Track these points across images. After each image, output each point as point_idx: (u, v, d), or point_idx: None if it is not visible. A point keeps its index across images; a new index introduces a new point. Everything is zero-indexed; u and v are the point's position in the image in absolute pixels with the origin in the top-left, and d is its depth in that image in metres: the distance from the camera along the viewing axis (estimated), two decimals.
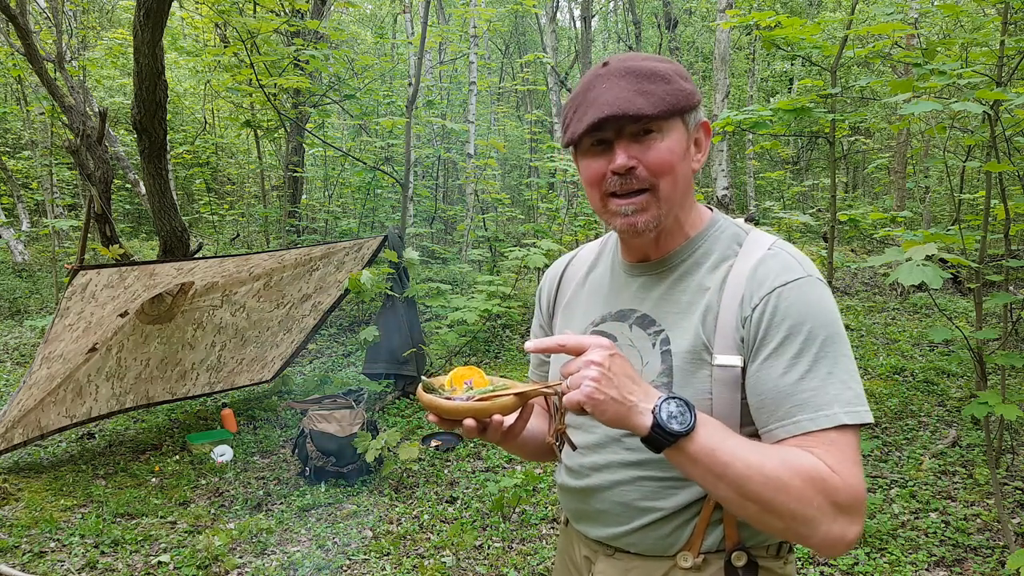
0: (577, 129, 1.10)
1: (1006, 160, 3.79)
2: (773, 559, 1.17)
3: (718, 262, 1.16)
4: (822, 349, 1.05)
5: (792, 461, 1.00)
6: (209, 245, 11.18)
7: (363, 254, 5.59)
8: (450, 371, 1.16)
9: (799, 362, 1.05)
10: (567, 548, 1.36)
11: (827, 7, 15.21)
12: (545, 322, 1.41)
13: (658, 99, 1.08)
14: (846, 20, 6.48)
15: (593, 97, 1.09)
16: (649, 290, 1.20)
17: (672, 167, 1.11)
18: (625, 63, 1.11)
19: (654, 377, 1.14)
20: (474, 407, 1.06)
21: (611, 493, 1.19)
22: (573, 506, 1.28)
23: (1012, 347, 5.62)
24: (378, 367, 5.79)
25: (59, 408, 4.60)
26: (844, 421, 1.02)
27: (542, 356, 1.39)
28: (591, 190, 1.15)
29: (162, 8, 4.44)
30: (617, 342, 1.19)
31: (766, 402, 1.06)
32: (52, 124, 11.33)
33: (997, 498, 3.37)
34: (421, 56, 8.09)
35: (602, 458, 1.20)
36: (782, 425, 1.05)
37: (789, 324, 1.06)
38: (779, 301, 1.07)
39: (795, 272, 1.10)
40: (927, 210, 10.01)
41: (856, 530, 1.00)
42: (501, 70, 19.08)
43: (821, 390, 1.03)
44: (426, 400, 1.09)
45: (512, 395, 1.07)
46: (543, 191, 11.24)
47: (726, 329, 1.10)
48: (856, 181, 16.91)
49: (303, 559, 3.45)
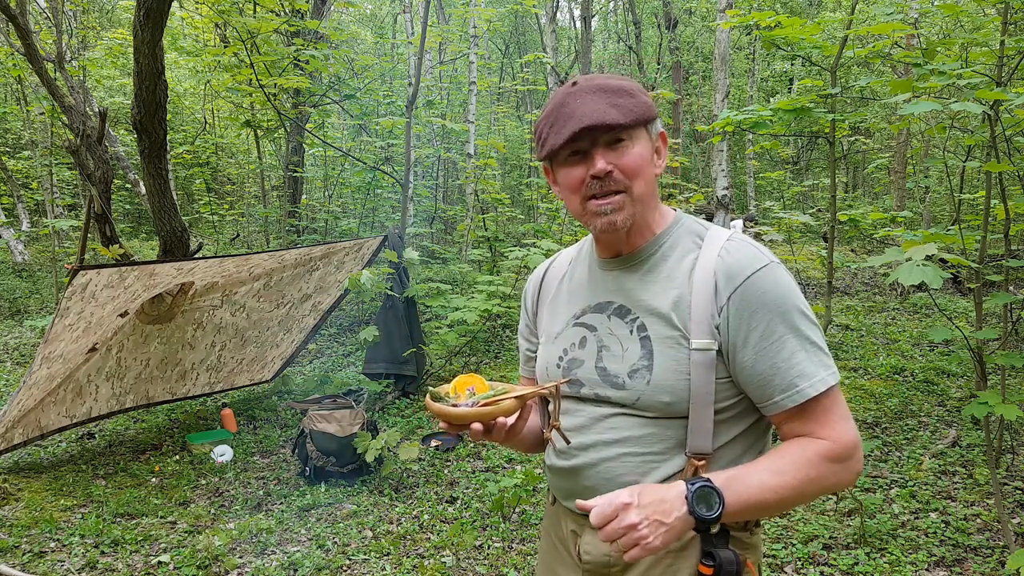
0: (557, 140, 1.22)
1: (1006, 160, 3.78)
2: (741, 530, 1.28)
3: (683, 254, 1.28)
4: (800, 323, 1.20)
5: (799, 458, 1.18)
6: (209, 245, 11.18)
7: (363, 254, 5.59)
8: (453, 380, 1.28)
9: (788, 338, 1.19)
10: (553, 526, 1.44)
11: (827, 7, 15.21)
12: (530, 321, 1.52)
13: (628, 111, 1.21)
14: (846, 20, 6.48)
15: (569, 112, 1.22)
16: (623, 283, 1.32)
17: (643, 170, 1.24)
18: (593, 81, 1.24)
19: (635, 361, 1.25)
20: (480, 412, 1.19)
21: (598, 470, 1.28)
22: (562, 485, 1.37)
23: (1012, 347, 5.62)
24: (378, 367, 5.79)
25: (59, 408, 4.60)
26: (831, 383, 1.19)
27: (529, 354, 1.52)
28: (571, 195, 1.27)
29: (162, 8, 4.44)
30: (597, 331, 1.32)
31: (766, 378, 1.20)
32: (52, 124, 11.33)
33: (997, 498, 3.37)
34: (421, 56, 8.09)
35: (588, 438, 1.29)
36: (787, 395, 1.19)
37: (769, 308, 1.19)
38: (754, 288, 1.20)
39: (761, 260, 1.22)
40: (927, 210, 10.01)
41: (859, 465, 1.21)
42: (501, 70, 19.09)
43: (808, 360, 1.19)
44: (435, 408, 1.20)
45: (512, 398, 1.20)
46: (543, 191, 11.24)
47: (700, 316, 1.21)
48: (856, 181, 16.92)
49: (303, 559, 3.45)
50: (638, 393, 1.23)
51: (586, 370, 1.31)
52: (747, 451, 1.27)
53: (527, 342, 1.54)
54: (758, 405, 1.24)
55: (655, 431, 1.24)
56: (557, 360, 1.37)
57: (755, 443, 1.29)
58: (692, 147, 15.75)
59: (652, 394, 1.22)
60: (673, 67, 14.78)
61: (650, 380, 1.22)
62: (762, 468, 1.18)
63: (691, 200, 8.31)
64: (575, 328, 1.35)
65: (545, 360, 1.40)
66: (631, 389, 1.24)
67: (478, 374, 1.32)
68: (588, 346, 1.32)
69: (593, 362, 1.30)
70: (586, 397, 1.31)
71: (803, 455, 1.18)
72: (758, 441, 1.30)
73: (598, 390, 1.29)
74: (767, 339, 1.19)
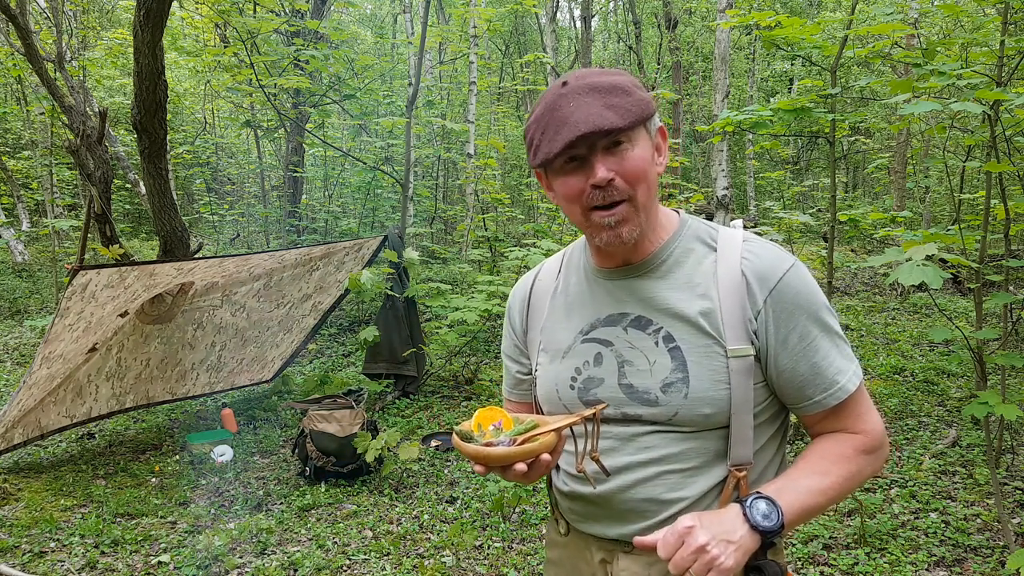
0: (552, 149, 1.12)
1: (1006, 160, 3.78)
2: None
3: (700, 258, 1.22)
4: (829, 320, 1.20)
5: (840, 456, 1.18)
6: (209, 245, 11.18)
7: (363, 254, 5.59)
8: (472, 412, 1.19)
9: (822, 337, 1.18)
10: (570, 559, 1.34)
11: (827, 7, 15.21)
12: (519, 340, 1.40)
13: (625, 111, 1.11)
14: (846, 20, 6.48)
15: (562, 116, 1.12)
16: (636, 292, 1.23)
17: (646, 174, 1.16)
18: (585, 80, 1.14)
19: (667, 374, 1.17)
20: (523, 451, 1.09)
21: (636, 491, 1.20)
22: (587, 511, 1.28)
23: (1012, 347, 5.62)
24: (378, 367, 5.79)
25: (59, 408, 4.60)
26: (861, 376, 1.21)
27: (519, 376, 1.42)
28: (571, 206, 1.18)
29: (162, 8, 4.44)
30: (614, 346, 1.22)
31: (807, 378, 1.18)
32: (52, 124, 11.33)
33: (997, 498, 3.37)
34: (421, 56, 8.09)
35: (619, 461, 1.21)
36: (829, 394, 1.18)
37: (805, 307, 1.18)
38: (788, 289, 1.18)
39: (788, 260, 1.20)
40: (927, 210, 10.01)
41: (887, 451, 1.24)
42: (501, 70, 19.07)
43: (841, 356, 1.20)
44: (471, 451, 1.09)
45: (551, 431, 1.12)
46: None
47: (733, 320, 1.16)
48: (856, 181, 16.92)
49: (303, 559, 3.45)
50: (675, 408, 1.16)
51: (608, 388, 1.22)
52: (776, 452, 1.25)
53: (515, 363, 1.41)
54: (794, 405, 1.22)
55: (694, 445, 1.18)
56: (570, 380, 1.26)
57: (781, 443, 1.27)
58: (692, 147, 15.75)
59: (691, 407, 1.15)
60: (673, 67, 14.77)
61: (687, 393, 1.15)
62: (807, 471, 1.17)
63: (691, 200, 8.30)
64: (586, 344, 1.25)
65: (553, 381, 1.29)
66: (666, 404, 1.16)
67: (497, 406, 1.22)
68: (606, 363, 1.23)
69: (615, 379, 1.21)
70: (611, 418, 1.21)
71: (842, 452, 1.18)
72: (783, 442, 1.28)
73: (625, 409, 1.20)
74: (804, 340, 1.17)
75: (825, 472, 1.16)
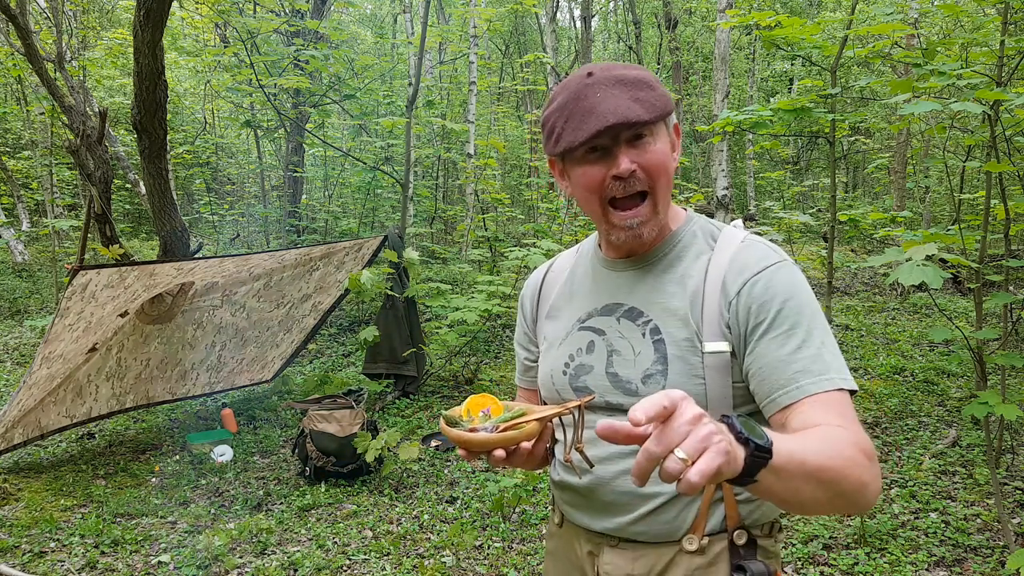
0: (577, 137, 1.12)
1: (1006, 160, 3.78)
2: (767, 537, 1.21)
3: (697, 254, 1.22)
4: (811, 323, 1.12)
5: (829, 435, 1.00)
6: (209, 245, 11.18)
7: (363, 254, 5.59)
8: (464, 401, 1.18)
9: (794, 334, 1.11)
10: (563, 549, 1.35)
11: (827, 7, 15.21)
12: (529, 328, 1.44)
13: (651, 105, 1.13)
14: (846, 20, 6.48)
15: (589, 106, 1.12)
16: (635, 284, 1.25)
17: (666, 167, 1.17)
18: (611, 72, 1.15)
19: (648, 365, 1.18)
20: (503, 438, 1.09)
21: (616, 483, 1.20)
22: (575, 501, 1.29)
23: (1012, 347, 5.62)
24: (378, 367, 5.79)
25: (59, 408, 4.60)
26: (841, 386, 1.08)
27: (528, 363, 1.44)
28: (590, 196, 1.18)
29: (162, 8, 4.44)
30: (606, 335, 1.24)
31: (767, 374, 1.11)
32: (52, 124, 11.33)
33: (997, 498, 3.37)
34: (421, 56, 8.09)
35: (601, 450, 1.20)
36: (785, 391, 1.08)
37: (779, 302, 1.13)
38: (763, 284, 1.14)
39: (772, 258, 1.17)
40: (927, 210, 10.01)
41: (878, 469, 1.03)
42: (501, 70, 19.07)
43: (818, 358, 1.09)
44: (453, 435, 1.10)
45: (534, 420, 1.11)
46: (543, 191, 11.24)
47: (711, 317, 1.16)
48: (856, 181, 16.92)
49: (303, 559, 3.45)
50: None
51: (596, 376, 1.23)
52: None
53: (526, 351, 1.45)
54: (760, 406, 1.13)
55: None
56: (563, 367, 1.28)
57: None
58: (692, 147, 15.75)
59: None
60: (673, 67, 14.77)
61: (665, 385, 1.14)
62: (795, 436, 0.99)
63: (691, 200, 8.30)
64: (581, 332, 1.27)
65: (549, 367, 1.31)
66: (645, 395, 1.01)
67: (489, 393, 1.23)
68: (597, 351, 1.24)
69: (603, 368, 1.22)
70: (597, 406, 1.22)
71: (834, 433, 1.01)
72: None
73: (609, 397, 1.21)
74: (774, 331, 1.11)
75: (820, 441, 0.98)
